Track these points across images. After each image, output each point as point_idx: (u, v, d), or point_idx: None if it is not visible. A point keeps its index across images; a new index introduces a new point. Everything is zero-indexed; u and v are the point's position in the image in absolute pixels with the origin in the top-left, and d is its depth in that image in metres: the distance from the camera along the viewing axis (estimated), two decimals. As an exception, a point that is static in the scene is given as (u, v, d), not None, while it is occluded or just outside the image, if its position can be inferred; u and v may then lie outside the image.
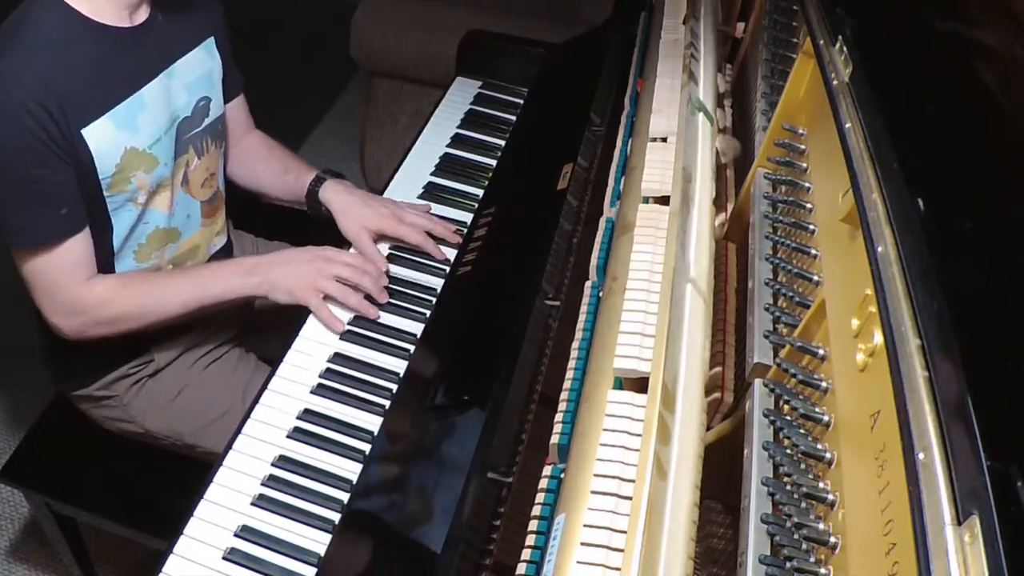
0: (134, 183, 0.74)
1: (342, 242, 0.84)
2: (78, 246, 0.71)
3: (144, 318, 0.76)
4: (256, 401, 0.71)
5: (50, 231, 0.70)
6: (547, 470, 0.49)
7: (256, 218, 1.01)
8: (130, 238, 0.78)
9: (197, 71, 0.80)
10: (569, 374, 0.54)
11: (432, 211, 0.89)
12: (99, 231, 0.74)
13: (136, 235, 0.78)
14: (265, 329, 0.93)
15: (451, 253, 0.85)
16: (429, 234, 0.84)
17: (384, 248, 0.85)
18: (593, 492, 0.41)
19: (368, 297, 0.78)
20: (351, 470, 0.66)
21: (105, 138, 0.70)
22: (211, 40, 0.82)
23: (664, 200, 0.59)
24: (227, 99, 0.87)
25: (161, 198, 0.78)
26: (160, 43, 0.75)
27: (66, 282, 0.72)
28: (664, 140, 0.65)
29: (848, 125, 0.50)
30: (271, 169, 0.91)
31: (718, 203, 0.67)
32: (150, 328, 0.78)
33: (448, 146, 1.00)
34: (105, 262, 0.77)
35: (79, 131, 0.68)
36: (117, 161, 0.72)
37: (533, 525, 0.46)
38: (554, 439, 0.50)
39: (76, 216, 0.71)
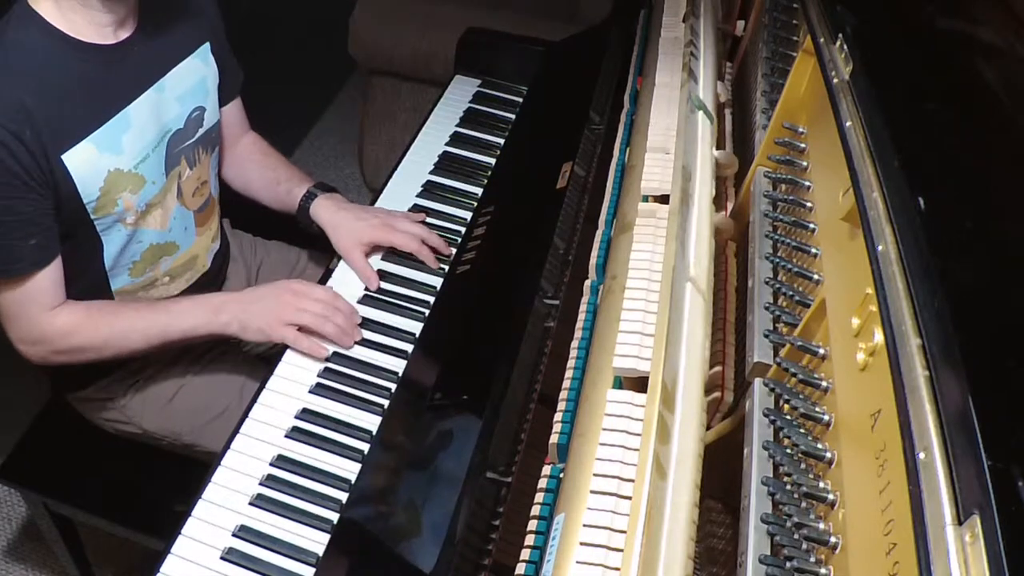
0: (121, 204, 0.72)
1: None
2: (46, 276, 0.70)
3: (106, 350, 0.74)
4: (254, 401, 0.71)
5: (17, 262, 0.68)
6: (546, 470, 0.49)
7: (254, 217, 1.00)
8: (123, 256, 0.76)
9: (190, 81, 0.78)
10: (568, 373, 0.54)
11: (428, 216, 0.88)
12: (90, 252, 0.73)
13: (129, 253, 0.77)
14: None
15: (449, 253, 0.85)
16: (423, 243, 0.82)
17: (376, 258, 0.83)
18: (592, 492, 0.41)
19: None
20: (350, 470, 0.66)
21: (86, 162, 0.68)
22: (206, 46, 0.80)
23: (664, 199, 0.59)
24: (224, 102, 0.85)
25: (153, 217, 0.77)
26: (148, 57, 0.73)
27: (30, 311, 0.71)
28: (663, 138, 0.65)
29: (849, 123, 0.50)
30: (265, 178, 0.90)
31: (718, 202, 0.67)
32: (114, 358, 0.76)
33: (447, 144, 1.00)
34: (99, 281, 0.76)
35: (59, 157, 0.66)
36: (101, 184, 0.70)
37: (532, 525, 0.46)
38: (553, 438, 0.50)
39: (46, 246, 0.69)
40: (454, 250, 0.85)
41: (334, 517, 0.62)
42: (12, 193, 0.65)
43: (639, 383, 0.47)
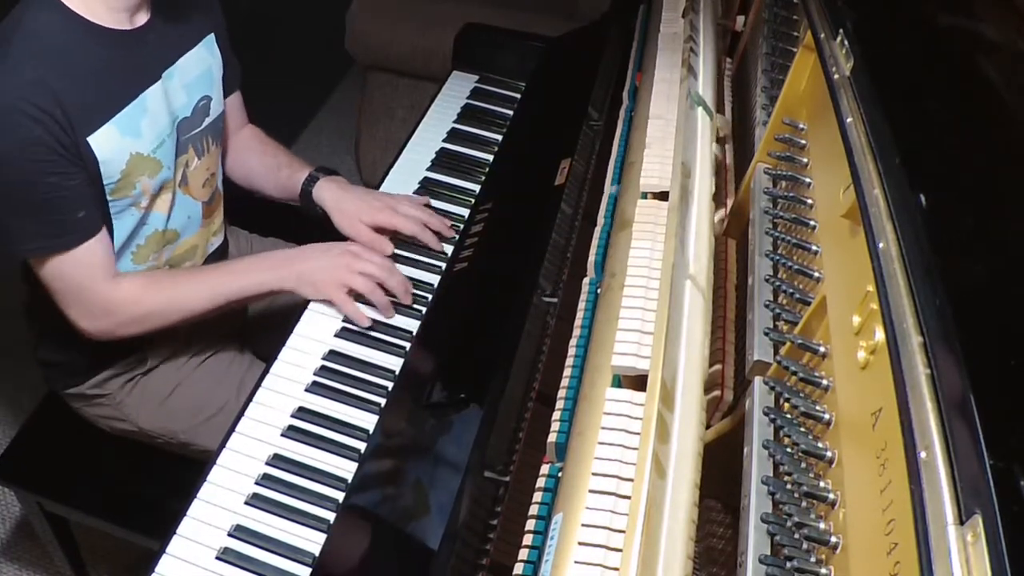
0: (138, 188, 0.73)
1: (338, 239, 0.83)
2: (99, 246, 0.71)
3: (171, 315, 0.75)
4: (250, 399, 0.70)
5: (70, 235, 0.69)
6: (545, 469, 0.49)
7: (250, 214, 1.00)
8: (130, 240, 0.77)
9: (197, 70, 0.79)
10: (567, 372, 0.54)
11: (429, 205, 0.88)
12: None
13: (136, 238, 0.77)
14: (259, 326, 0.93)
15: (448, 249, 0.84)
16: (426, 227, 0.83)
17: None
18: (591, 491, 0.41)
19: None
20: (346, 469, 0.65)
21: (111, 145, 0.69)
22: (211, 37, 0.81)
23: (663, 196, 0.59)
24: (226, 94, 0.85)
25: (162, 200, 0.77)
26: (160, 44, 0.74)
27: (92, 284, 0.71)
28: (662, 135, 0.65)
29: (849, 120, 0.49)
30: (265, 165, 0.90)
31: (718, 199, 0.67)
32: (178, 325, 0.77)
33: (444, 141, 0.99)
34: None
35: (85, 139, 0.67)
36: (123, 167, 0.71)
37: (530, 525, 0.46)
38: (552, 437, 0.50)
39: (93, 218, 0.70)
40: (451, 248, 0.84)
41: (330, 516, 0.62)
42: (57, 168, 0.66)
43: (638, 382, 0.47)
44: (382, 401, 0.70)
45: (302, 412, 0.70)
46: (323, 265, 0.75)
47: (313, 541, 0.61)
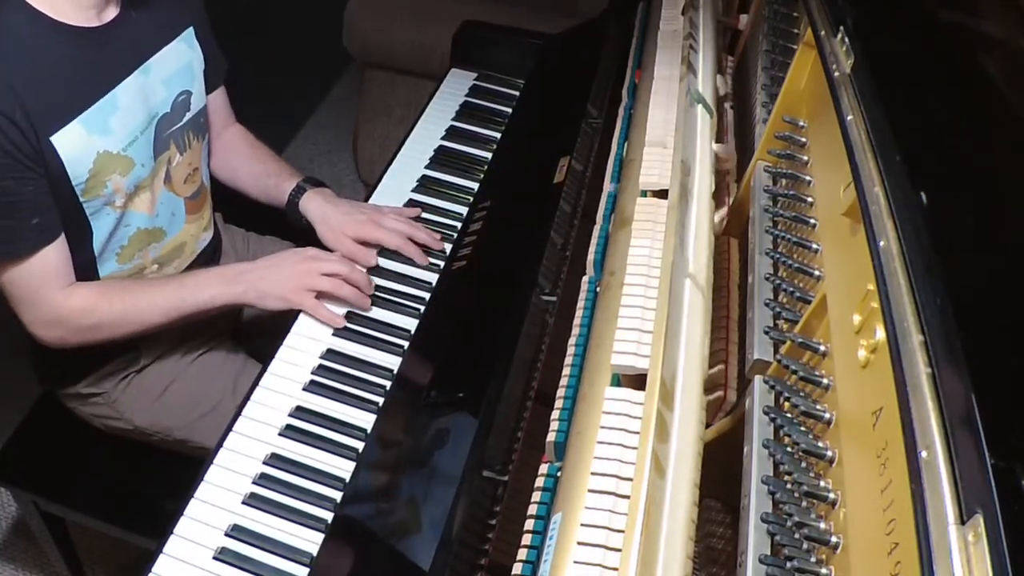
0: (110, 187, 0.72)
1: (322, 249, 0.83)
2: (53, 255, 0.70)
3: (124, 327, 0.75)
4: (247, 398, 0.70)
5: (23, 242, 0.68)
6: (543, 468, 0.49)
7: (247, 213, 0.99)
8: (111, 241, 0.76)
9: (175, 65, 0.78)
10: (566, 371, 0.54)
11: (422, 216, 0.87)
12: (79, 237, 0.73)
13: (117, 238, 0.77)
14: (255, 325, 0.92)
15: (446, 248, 0.84)
16: (413, 240, 0.82)
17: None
18: (590, 491, 0.41)
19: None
20: (344, 468, 0.65)
21: (76, 144, 0.68)
22: (190, 31, 0.80)
23: (662, 193, 0.58)
24: (209, 90, 0.84)
25: (141, 199, 0.76)
26: (133, 39, 0.73)
27: (44, 292, 0.71)
28: (662, 133, 0.64)
29: (850, 117, 0.49)
30: (252, 170, 0.89)
31: (718, 197, 0.67)
32: (131, 336, 0.76)
33: (443, 139, 0.99)
34: (88, 266, 0.75)
35: (47, 139, 0.66)
36: (90, 166, 0.70)
37: (529, 524, 0.46)
38: (551, 437, 0.49)
39: (49, 225, 0.69)
40: (450, 246, 0.84)
41: (328, 516, 0.62)
42: (11, 173, 0.65)
43: (637, 380, 0.46)
44: (380, 400, 0.70)
45: (300, 411, 0.70)
46: (283, 274, 0.75)
47: (311, 541, 0.60)
